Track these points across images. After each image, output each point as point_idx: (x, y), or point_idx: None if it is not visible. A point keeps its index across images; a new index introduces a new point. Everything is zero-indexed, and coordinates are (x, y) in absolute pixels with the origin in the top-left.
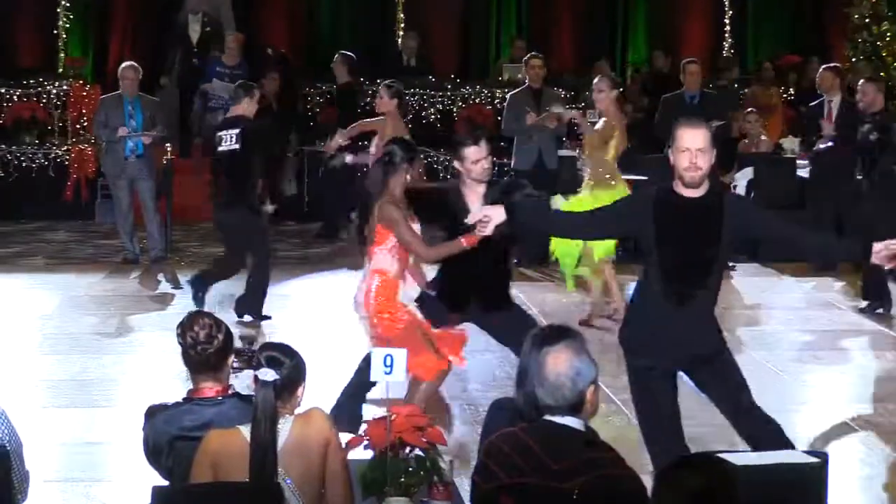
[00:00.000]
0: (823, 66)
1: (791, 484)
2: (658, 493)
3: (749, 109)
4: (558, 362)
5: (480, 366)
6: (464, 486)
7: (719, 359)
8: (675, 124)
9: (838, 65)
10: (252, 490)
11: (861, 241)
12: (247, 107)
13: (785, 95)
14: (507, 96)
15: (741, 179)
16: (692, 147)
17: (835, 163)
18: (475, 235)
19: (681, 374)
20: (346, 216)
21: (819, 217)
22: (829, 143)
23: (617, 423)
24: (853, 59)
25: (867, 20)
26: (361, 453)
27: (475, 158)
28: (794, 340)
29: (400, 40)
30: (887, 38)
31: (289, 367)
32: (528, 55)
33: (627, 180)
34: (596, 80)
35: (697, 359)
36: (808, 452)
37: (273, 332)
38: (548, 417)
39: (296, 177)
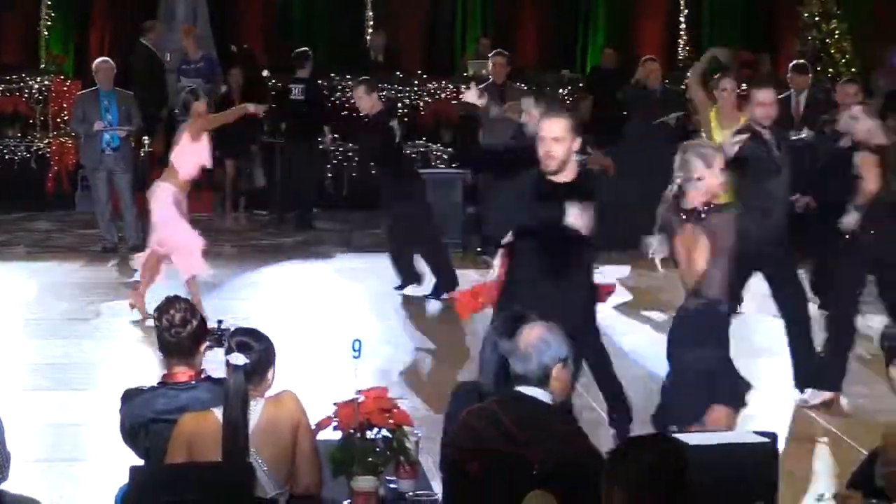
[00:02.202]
0: (793, 64)
1: (741, 463)
2: (609, 470)
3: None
4: (531, 334)
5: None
6: (430, 464)
7: None
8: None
9: (804, 62)
10: (225, 469)
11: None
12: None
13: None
14: None
15: None
16: (547, 136)
17: (803, 156)
18: None
19: None
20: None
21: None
22: (801, 135)
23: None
24: (802, 56)
25: (817, 18)
26: (330, 434)
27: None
28: (748, 325)
29: (368, 38)
30: (836, 36)
31: (259, 351)
32: (493, 52)
33: None
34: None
35: None
36: (758, 432)
37: (246, 317)
38: (518, 388)
39: (265, 167)
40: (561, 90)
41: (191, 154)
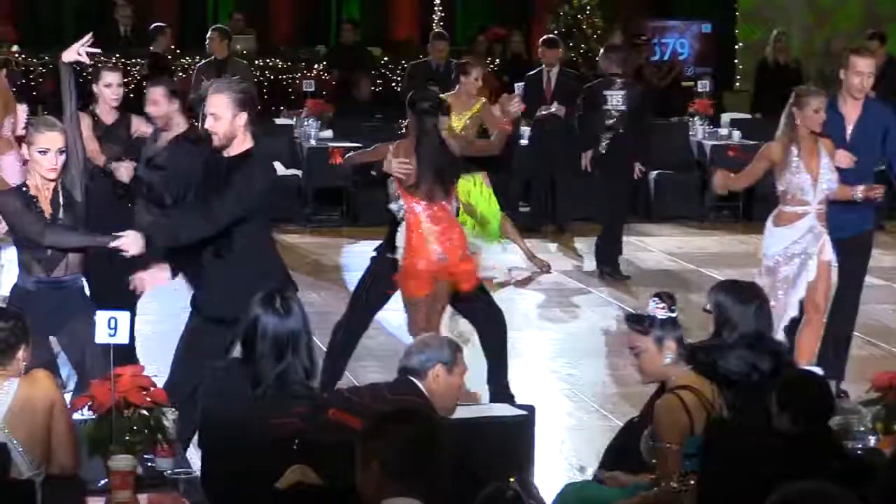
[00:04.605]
0: (544, 39)
1: (501, 435)
2: (365, 444)
3: None
4: (420, 338)
5: None
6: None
7: None
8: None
9: (555, 37)
10: None
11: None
12: None
13: (491, 66)
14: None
15: None
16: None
17: (554, 130)
18: None
19: None
20: None
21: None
22: (551, 110)
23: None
24: (555, 32)
25: None
26: (87, 414)
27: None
28: (503, 298)
29: (115, 11)
30: (587, 12)
31: (5, 330)
32: (211, 29)
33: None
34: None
35: None
36: (517, 405)
37: None
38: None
39: None
40: (317, 66)
41: None
